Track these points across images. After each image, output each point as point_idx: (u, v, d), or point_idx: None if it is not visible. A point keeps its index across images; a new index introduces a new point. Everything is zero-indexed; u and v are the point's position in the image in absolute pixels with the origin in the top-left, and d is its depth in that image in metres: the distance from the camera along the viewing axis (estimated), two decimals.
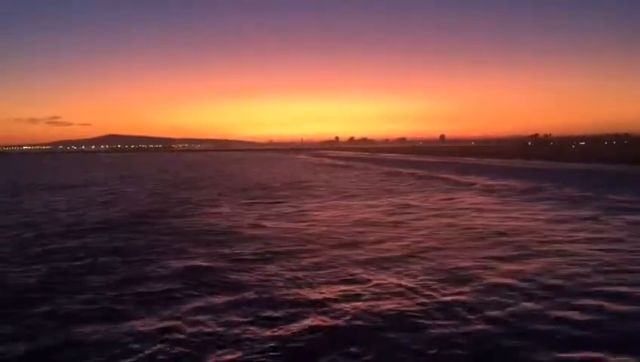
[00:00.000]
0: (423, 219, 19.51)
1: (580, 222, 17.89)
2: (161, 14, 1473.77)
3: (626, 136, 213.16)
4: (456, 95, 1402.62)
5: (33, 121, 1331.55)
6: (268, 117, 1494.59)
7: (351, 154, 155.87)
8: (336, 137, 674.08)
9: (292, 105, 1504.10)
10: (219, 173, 60.31)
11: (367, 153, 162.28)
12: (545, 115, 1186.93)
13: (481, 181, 37.43)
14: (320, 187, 36.07)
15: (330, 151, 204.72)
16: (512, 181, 36.51)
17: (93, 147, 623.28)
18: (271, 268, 11.92)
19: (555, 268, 11.42)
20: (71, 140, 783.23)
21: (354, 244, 14.72)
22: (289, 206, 24.61)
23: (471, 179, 40.12)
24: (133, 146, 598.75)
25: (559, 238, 14.97)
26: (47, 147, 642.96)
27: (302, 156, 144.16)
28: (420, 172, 52.08)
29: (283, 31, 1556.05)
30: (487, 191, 30.75)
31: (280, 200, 27.53)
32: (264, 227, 18.25)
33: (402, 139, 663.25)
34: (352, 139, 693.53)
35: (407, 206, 23.81)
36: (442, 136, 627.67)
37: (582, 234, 15.50)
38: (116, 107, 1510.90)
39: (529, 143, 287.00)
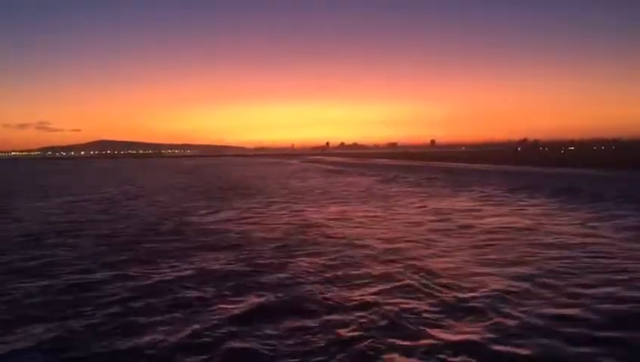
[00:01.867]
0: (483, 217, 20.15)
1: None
2: (151, 20, 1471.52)
3: (614, 141, 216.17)
4: (446, 100, 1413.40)
5: (22, 126, 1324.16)
6: (258, 122, 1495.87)
7: (350, 160, 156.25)
8: (327, 143, 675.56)
9: (282, 110, 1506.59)
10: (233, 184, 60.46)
11: (359, 158, 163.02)
12: (534, 119, 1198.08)
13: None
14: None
15: (324, 157, 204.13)
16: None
17: (82, 153, 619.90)
18: None
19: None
20: (61, 146, 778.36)
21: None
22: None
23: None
24: (123, 152, 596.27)
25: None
26: (37, 153, 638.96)
27: (294, 161, 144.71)
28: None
29: (273, 37, 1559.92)
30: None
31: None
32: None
33: (393, 145, 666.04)
34: (342, 144, 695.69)
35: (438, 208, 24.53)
36: (433, 142, 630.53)
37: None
38: (106, 112, 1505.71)
39: (518, 149, 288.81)
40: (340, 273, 12.04)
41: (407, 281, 11.13)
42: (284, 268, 12.60)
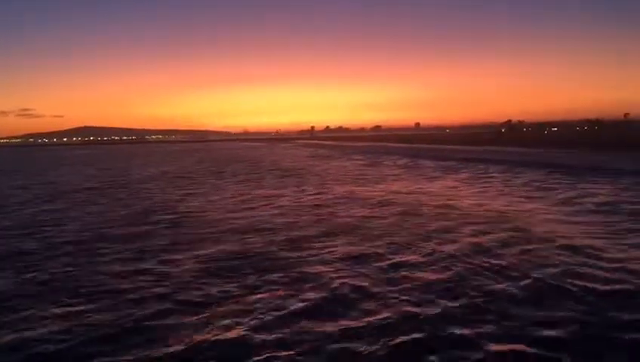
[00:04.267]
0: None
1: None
2: (135, 5, 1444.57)
3: (597, 121, 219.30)
4: (430, 83, 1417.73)
5: (3, 113, 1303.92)
6: (242, 107, 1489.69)
7: (344, 144, 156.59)
8: (312, 127, 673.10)
9: (267, 94, 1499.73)
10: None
11: (351, 141, 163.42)
12: (518, 101, 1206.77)
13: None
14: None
15: (320, 141, 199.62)
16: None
17: (65, 139, 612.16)
18: None
19: None
20: (43, 133, 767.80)
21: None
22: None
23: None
24: (106, 138, 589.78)
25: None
26: (19, 140, 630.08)
27: (284, 145, 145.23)
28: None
29: (257, 21, 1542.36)
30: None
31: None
32: None
33: (378, 128, 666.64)
34: (327, 128, 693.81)
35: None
36: (417, 124, 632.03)
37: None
38: (89, 99, 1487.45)
39: (502, 130, 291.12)
40: None
41: None
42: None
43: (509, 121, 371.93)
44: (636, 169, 32.16)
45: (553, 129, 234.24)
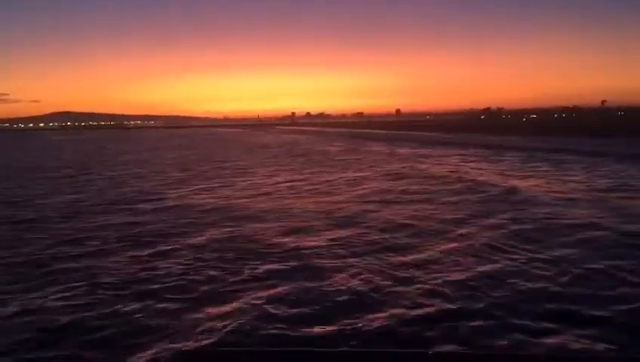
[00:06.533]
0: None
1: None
2: None
3: (575, 108, 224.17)
4: (412, 70, 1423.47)
5: None
6: (222, 94, 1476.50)
7: (332, 130, 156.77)
8: (293, 113, 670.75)
9: (247, 81, 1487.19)
10: None
11: (336, 127, 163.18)
12: (497, 89, 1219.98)
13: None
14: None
15: (302, 127, 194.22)
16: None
17: (42, 125, 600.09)
18: None
19: None
20: (19, 118, 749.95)
21: None
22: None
23: None
24: (84, 124, 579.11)
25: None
26: None
27: (274, 130, 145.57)
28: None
29: (238, 7, 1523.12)
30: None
31: None
32: None
33: (359, 114, 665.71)
34: (308, 114, 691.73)
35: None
36: (398, 111, 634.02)
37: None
38: (67, 83, 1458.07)
39: (482, 117, 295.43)
40: None
41: None
42: None
43: (489, 108, 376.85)
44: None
45: (532, 116, 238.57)
